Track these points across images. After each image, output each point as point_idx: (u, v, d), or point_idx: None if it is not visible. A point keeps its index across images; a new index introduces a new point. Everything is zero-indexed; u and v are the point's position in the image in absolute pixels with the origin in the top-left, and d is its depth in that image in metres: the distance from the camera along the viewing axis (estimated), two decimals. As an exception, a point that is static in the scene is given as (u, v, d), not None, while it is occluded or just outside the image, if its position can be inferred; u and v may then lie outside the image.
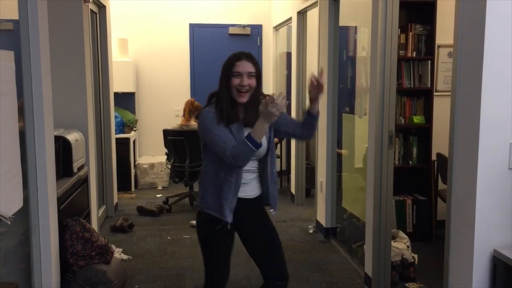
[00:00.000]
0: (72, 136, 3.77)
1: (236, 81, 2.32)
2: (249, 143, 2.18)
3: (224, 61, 2.40)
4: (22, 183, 2.53)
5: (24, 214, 2.69)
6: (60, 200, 3.20)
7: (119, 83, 6.42)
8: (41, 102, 2.71)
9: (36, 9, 2.65)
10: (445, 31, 4.33)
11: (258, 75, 2.38)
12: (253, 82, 2.34)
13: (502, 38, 2.14)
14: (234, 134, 2.30)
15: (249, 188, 2.44)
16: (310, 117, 2.44)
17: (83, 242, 3.23)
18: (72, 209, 3.57)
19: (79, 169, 3.88)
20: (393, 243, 3.64)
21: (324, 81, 2.36)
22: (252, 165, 2.41)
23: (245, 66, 2.33)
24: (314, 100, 2.39)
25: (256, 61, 2.39)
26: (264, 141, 2.34)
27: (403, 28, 4.39)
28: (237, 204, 2.37)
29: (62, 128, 3.84)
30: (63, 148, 3.58)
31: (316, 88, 2.34)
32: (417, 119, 4.49)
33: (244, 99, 2.33)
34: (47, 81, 2.84)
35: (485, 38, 2.13)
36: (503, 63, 2.15)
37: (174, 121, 6.42)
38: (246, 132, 2.30)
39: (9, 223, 2.28)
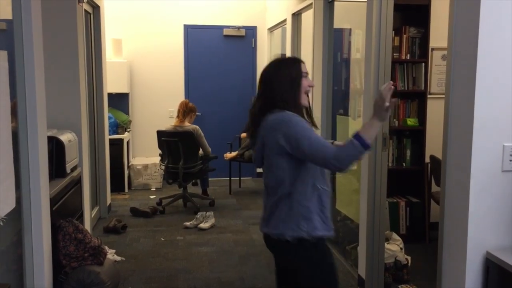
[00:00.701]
0: (65, 137, 3.75)
1: (306, 82, 2.15)
2: (358, 144, 1.91)
3: (283, 66, 2.17)
4: (14, 183, 2.51)
5: (17, 215, 2.67)
6: (53, 201, 3.18)
7: (113, 83, 6.40)
8: (34, 103, 2.70)
9: (30, 9, 2.63)
10: (438, 34, 4.35)
11: None
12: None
13: (495, 41, 2.15)
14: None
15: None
16: (360, 145, 1.97)
17: (76, 243, 3.21)
18: (65, 210, 3.55)
19: (72, 170, 3.86)
20: (387, 245, 3.65)
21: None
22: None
23: (305, 68, 2.19)
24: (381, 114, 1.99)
25: None
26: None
27: (397, 31, 4.41)
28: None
29: (55, 128, 3.82)
30: (56, 148, 3.56)
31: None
32: (411, 122, 4.51)
33: (307, 102, 2.19)
34: (41, 81, 2.83)
35: (478, 41, 2.14)
36: (497, 66, 2.17)
37: (168, 122, 6.41)
38: None
39: (1, 224, 2.27)
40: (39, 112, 2.75)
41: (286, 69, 2.15)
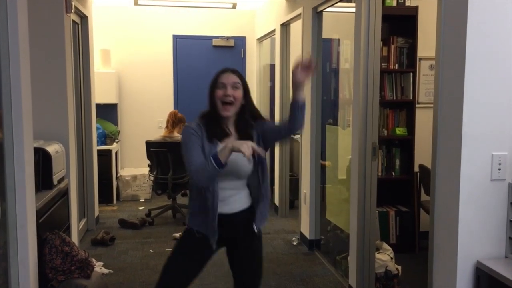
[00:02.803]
0: (52, 148, 3.70)
1: (220, 92, 2.29)
2: (212, 161, 2.10)
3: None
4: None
5: (2, 227, 2.62)
6: (40, 213, 3.13)
7: (101, 94, 6.35)
8: (20, 113, 2.66)
9: (16, 19, 2.60)
10: (426, 44, 4.39)
11: (245, 88, 2.34)
12: (238, 93, 2.30)
13: (483, 50, 2.17)
14: (206, 148, 2.24)
15: (231, 204, 2.37)
16: (296, 107, 2.25)
17: (63, 256, 3.15)
18: (51, 222, 3.49)
19: (59, 181, 3.81)
20: (377, 255, 3.64)
21: (313, 63, 2.23)
22: (231, 184, 2.35)
23: (229, 77, 2.31)
24: (299, 84, 2.21)
25: (242, 75, 2.38)
26: (247, 162, 2.26)
27: (385, 41, 4.44)
28: (223, 220, 2.32)
29: (42, 139, 3.77)
30: (43, 160, 3.51)
31: (304, 70, 2.20)
32: (400, 131, 4.53)
33: (227, 112, 2.29)
34: (27, 91, 2.79)
35: (466, 51, 2.15)
36: (484, 75, 2.18)
37: (157, 132, 6.37)
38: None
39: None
40: (25, 123, 2.71)
41: (210, 84, 2.36)
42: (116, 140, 6.85)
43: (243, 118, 2.34)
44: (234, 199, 2.38)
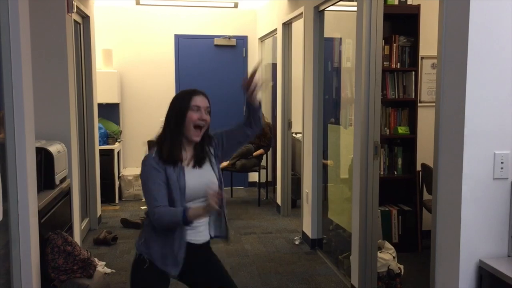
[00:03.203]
0: (54, 148, 3.71)
1: (195, 115, 2.19)
2: (181, 217, 2.05)
3: (174, 97, 2.29)
4: (2, 195, 2.47)
5: (4, 227, 2.63)
6: (42, 213, 3.13)
7: (103, 94, 6.36)
8: (22, 113, 2.66)
9: (18, 19, 2.61)
10: (428, 42, 4.38)
11: (209, 112, 2.28)
12: (209, 118, 2.25)
13: (485, 49, 2.16)
14: (172, 178, 2.16)
15: (198, 233, 2.26)
16: (255, 111, 2.31)
17: (65, 255, 3.16)
18: (54, 222, 3.50)
19: (62, 181, 3.81)
20: (379, 254, 3.63)
21: (257, 78, 2.25)
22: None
23: (203, 101, 2.24)
24: (252, 97, 2.27)
25: (209, 98, 2.30)
26: (215, 178, 2.26)
27: (387, 40, 4.43)
28: (189, 251, 2.22)
29: (44, 139, 3.78)
30: (45, 160, 3.51)
31: (249, 89, 2.24)
32: (402, 130, 4.52)
33: (198, 137, 2.22)
34: (28, 91, 2.79)
35: (468, 49, 2.15)
36: (487, 74, 2.17)
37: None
38: (192, 173, 2.20)
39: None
40: (27, 123, 2.72)
41: (176, 100, 2.26)
42: (118, 140, 6.85)
43: (203, 142, 2.28)
44: (205, 226, 2.28)
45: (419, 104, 4.61)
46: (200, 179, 2.23)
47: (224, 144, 2.37)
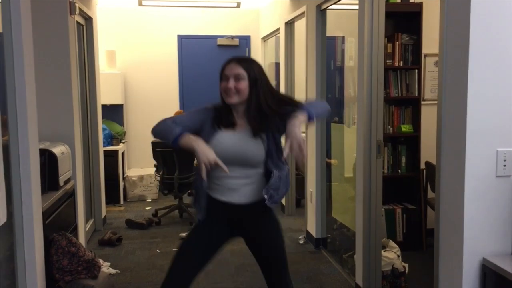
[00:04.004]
0: (58, 149, 3.72)
1: (223, 84, 2.27)
2: (173, 133, 2.22)
3: None
4: (6, 197, 2.48)
5: (9, 229, 2.64)
6: (46, 215, 3.15)
7: (107, 95, 6.38)
8: (25, 115, 2.68)
9: (20, 21, 2.62)
10: (431, 40, 4.36)
11: (252, 79, 2.24)
12: (241, 85, 2.23)
13: (486, 46, 2.16)
14: (203, 132, 2.29)
15: (238, 194, 2.32)
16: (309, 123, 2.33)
17: (70, 256, 3.17)
18: (58, 223, 3.51)
19: (66, 182, 3.83)
20: (384, 253, 3.62)
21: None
22: (239, 172, 2.29)
23: (233, 68, 2.25)
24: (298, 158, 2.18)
25: (250, 65, 2.27)
26: (260, 148, 2.27)
27: (390, 38, 4.42)
28: (228, 208, 2.34)
29: (48, 141, 3.79)
30: (48, 161, 3.53)
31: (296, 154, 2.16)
32: (405, 128, 4.51)
33: (232, 99, 2.25)
34: (32, 93, 2.81)
35: (469, 46, 2.14)
36: (488, 71, 2.17)
37: (163, 132, 6.38)
38: (229, 138, 2.28)
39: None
40: (30, 125, 2.73)
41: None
42: (123, 141, 6.87)
43: (253, 111, 2.27)
44: (245, 189, 2.32)
45: (422, 102, 4.60)
46: (236, 146, 2.27)
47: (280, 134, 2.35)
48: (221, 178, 2.31)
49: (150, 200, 6.81)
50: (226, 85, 2.25)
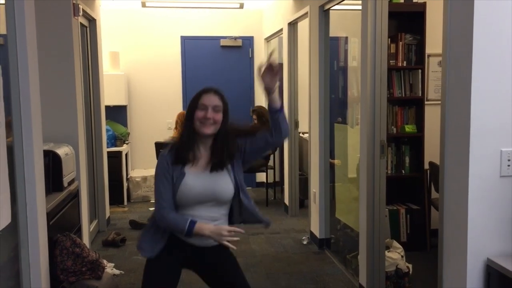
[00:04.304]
0: (62, 150, 3.74)
1: (200, 113, 2.21)
2: (186, 228, 2.15)
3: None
4: (10, 198, 2.49)
5: (13, 230, 2.65)
6: (50, 215, 3.16)
7: (110, 96, 6.39)
8: (30, 117, 2.69)
9: (24, 23, 2.63)
10: (434, 40, 4.35)
11: (225, 111, 2.25)
12: (218, 116, 2.22)
13: (490, 46, 2.15)
14: (174, 178, 2.22)
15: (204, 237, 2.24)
16: (273, 114, 2.22)
17: (74, 257, 3.18)
18: (62, 224, 3.53)
19: (70, 183, 3.84)
20: (387, 253, 3.62)
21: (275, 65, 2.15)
22: (212, 211, 2.27)
23: (212, 100, 2.22)
24: (269, 89, 2.18)
25: (224, 97, 2.27)
26: (229, 182, 2.26)
27: (393, 38, 4.41)
28: (189, 249, 2.29)
29: (52, 142, 3.81)
30: (53, 162, 3.54)
31: (268, 74, 2.16)
32: (409, 128, 4.50)
33: (208, 130, 2.21)
34: (36, 95, 2.82)
35: (473, 46, 2.14)
36: (492, 71, 2.16)
37: (167, 133, 6.40)
38: (200, 176, 2.22)
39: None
40: (34, 126, 2.74)
41: (191, 99, 2.29)
42: (126, 142, 6.88)
43: (219, 141, 2.26)
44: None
45: (426, 102, 4.59)
46: (208, 183, 2.23)
47: (246, 149, 2.32)
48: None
49: (154, 201, 6.81)
50: (205, 115, 2.20)
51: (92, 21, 5.24)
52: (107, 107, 6.06)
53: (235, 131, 2.32)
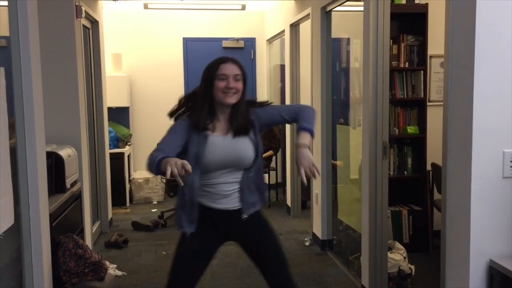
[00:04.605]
0: (65, 152, 3.74)
1: (222, 84, 2.21)
2: (155, 162, 2.05)
3: (206, 66, 2.31)
4: (13, 200, 2.50)
5: (16, 231, 2.66)
6: (53, 217, 3.17)
7: (113, 97, 6.41)
8: (32, 118, 2.70)
9: (27, 25, 2.64)
10: (436, 41, 4.35)
11: (244, 79, 2.28)
12: (240, 85, 2.24)
13: (492, 47, 2.15)
14: (192, 144, 2.22)
15: (231, 200, 2.30)
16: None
17: (76, 258, 3.19)
18: (65, 225, 3.53)
19: (72, 185, 3.85)
20: (390, 255, 3.61)
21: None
22: (234, 176, 2.29)
23: (231, 69, 2.24)
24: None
25: (241, 65, 2.29)
26: (250, 150, 2.27)
27: (395, 39, 4.41)
28: (221, 216, 2.30)
29: (54, 143, 3.82)
30: (55, 164, 3.55)
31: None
32: (411, 129, 4.50)
33: (232, 99, 2.23)
34: (38, 96, 2.83)
35: (475, 47, 2.14)
36: (494, 72, 2.16)
37: (169, 135, 6.39)
38: (220, 142, 2.23)
39: (1, 238, 2.25)
40: (37, 127, 2.75)
41: (206, 68, 2.30)
42: (129, 143, 6.89)
43: (239, 109, 2.27)
44: (235, 194, 2.31)
45: (428, 103, 4.58)
46: (229, 148, 2.24)
47: (261, 118, 2.35)
48: (214, 185, 2.28)
49: (156, 202, 6.83)
50: (227, 84, 2.21)
51: (94, 22, 5.25)
52: (110, 109, 6.07)
53: (250, 101, 2.35)
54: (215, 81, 2.23)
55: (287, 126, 6.10)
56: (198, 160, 2.21)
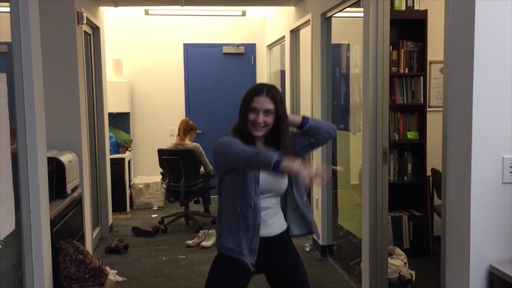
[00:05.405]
0: (66, 158, 3.75)
1: (251, 116, 2.25)
2: (274, 160, 1.97)
3: (244, 94, 2.31)
4: (14, 205, 2.50)
5: (17, 237, 2.66)
6: (54, 222, 3.17)
7: (113, 103, 6.42)
8: (34, 124, 2.71)
9: (29, 31, 2.66)
10: (436, 47, 4.36)
11: (278, 113, 2.25)
12: (269, 119, 2.24)
13: (491, 53, 2.16)
14: None
15: (267, 227, 2.30)
16: (302, 129, 2.37)
17: (77, 264, 3.19)
18: (65, 231, 3.54)
19: (73, 190, 3.86)
20: (390, 260, 3.61)
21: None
22: (271, 202, 2.31)
23: (263, 103, 2.23)
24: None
25: (276, 97, 2.26)
26: (285, 175, 2.27)
27: (395, 45, 4.43)
28: (261, 243, 2.24)
29: (55, 149, 3.83)
30: (56, 169, 3.56)
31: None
32: (411, 135, 4.51)
33: (259, 132, 2.26)
34: (40, 102, 2.84)
35: (474, 53, 2.15)
36: (493, 78, 2.17)
37: (169, 140, 6.41)
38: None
39: (1, 247, 2.25)
40: (38, 133, 2.76)
41: (244, 97, 2.31)
42: (129, 149, 6.90)
43: (274, 142, 2.28)
44: (274, 220, 2.34)
45: (428, 109, 4.59)
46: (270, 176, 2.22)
47: (296, 145, 2.38)
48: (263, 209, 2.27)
49: (157, 208, 6.83)
50: (256, 119, 2.23)
51: (95, 29, 5.28)
52: (110, 114, 6.08)
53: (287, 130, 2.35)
54: (248, 113, 2.26)
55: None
56: (257, 179, 2.22)
